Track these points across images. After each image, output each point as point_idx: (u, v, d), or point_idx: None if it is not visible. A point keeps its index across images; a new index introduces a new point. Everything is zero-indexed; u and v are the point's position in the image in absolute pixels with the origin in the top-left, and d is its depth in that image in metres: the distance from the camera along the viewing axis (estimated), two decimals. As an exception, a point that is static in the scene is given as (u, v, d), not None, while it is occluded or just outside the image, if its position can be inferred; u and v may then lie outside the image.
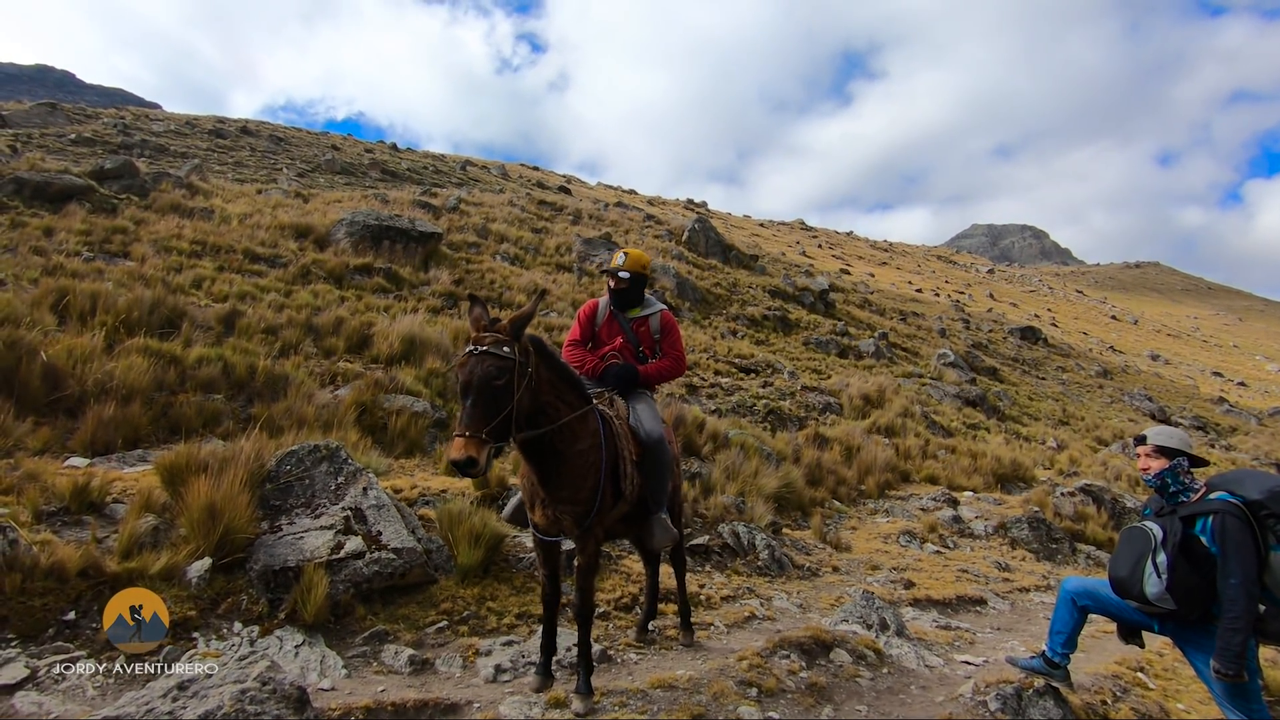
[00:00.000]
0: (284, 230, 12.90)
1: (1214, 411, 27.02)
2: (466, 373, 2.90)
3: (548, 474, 3.27)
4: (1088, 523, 9.29)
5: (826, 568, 6.68)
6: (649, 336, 4.14)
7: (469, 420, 2.82)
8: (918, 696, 3.93)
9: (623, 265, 4.10)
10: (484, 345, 2.94)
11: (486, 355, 2.92)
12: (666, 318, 4.21)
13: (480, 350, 2.92)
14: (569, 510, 3.32)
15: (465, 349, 2.98)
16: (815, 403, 12.70)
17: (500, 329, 3.04)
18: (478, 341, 2.97)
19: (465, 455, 2.74)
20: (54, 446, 5.27)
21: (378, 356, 8.54)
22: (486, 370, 2.89)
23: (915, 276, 53.29)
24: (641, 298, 4.21)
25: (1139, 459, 3.34)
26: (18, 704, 2.97)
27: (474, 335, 3.04)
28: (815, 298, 21.85)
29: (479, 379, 2.88)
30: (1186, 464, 3.24)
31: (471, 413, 2.83)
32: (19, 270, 8.10)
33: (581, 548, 3.42)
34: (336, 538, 4.21)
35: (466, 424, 2.82)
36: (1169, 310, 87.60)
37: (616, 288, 4.13)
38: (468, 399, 2.87)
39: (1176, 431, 3.36)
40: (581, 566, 3.45)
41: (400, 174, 30.88)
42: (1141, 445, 3.32)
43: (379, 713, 3.12)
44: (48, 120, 22.76)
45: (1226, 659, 2.92)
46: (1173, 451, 3.23)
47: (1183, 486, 3.20)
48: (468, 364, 2.92)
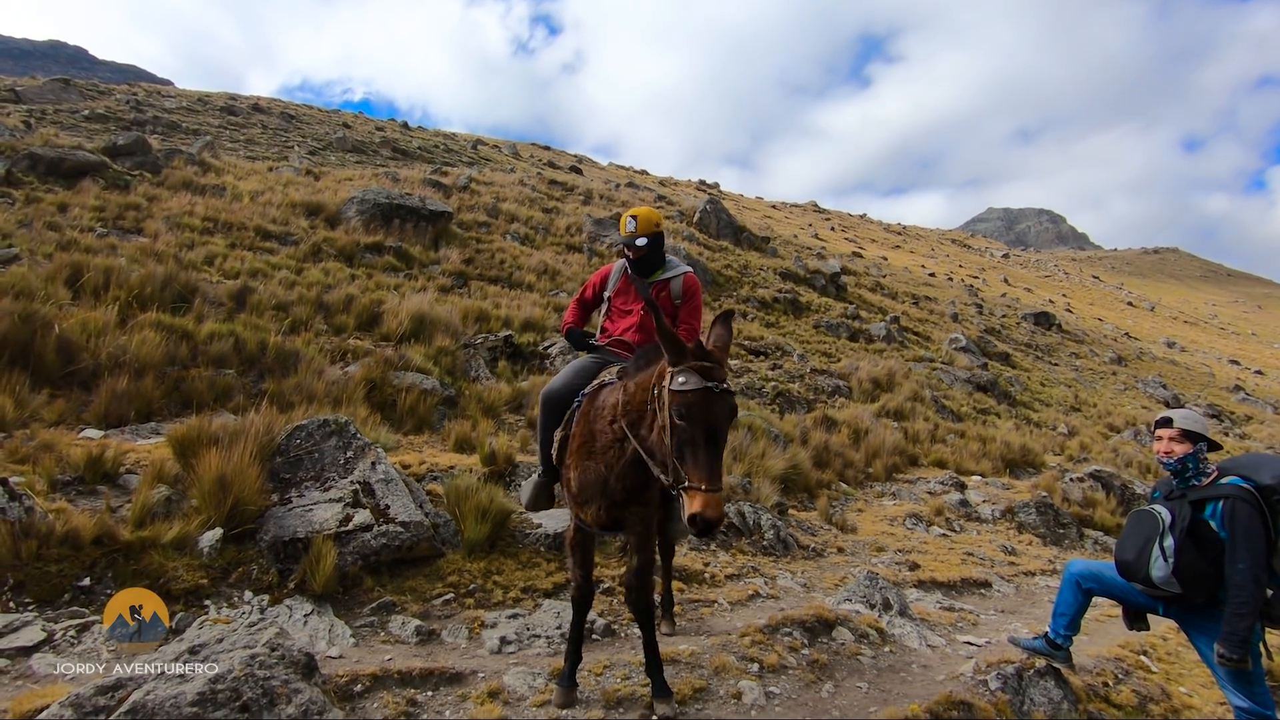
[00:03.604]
0: (295, 208, 12.93)
1: (1229, 399, 26.71)
2: (712, 415, 2.55)
3: (643, 480, 3.02)
4: (1096, 508, 9.24)
5: (831, 548, 6.71)
6: (670, 302, 3.77)
7: (715, 470, 2.49)
8: (919, 675, 3.95)
9: (636, 231, 3.68)
10: (725, 384, 2.62)
11: (728, 395, 2.62)
12: (690, 281, 3.81)
13: (722, 389, 2.59)
14: (640, 512, 3.16)
15: (694, 382, 2.57)
16: (824, 386, 12.67)
17: (721, 360, 2.73)
18: (716, 377, 2.62)
19: (721, 514, 2.47)
20: (69, 418, 5.36)
21: (387, 334, 8.59)
22: (730, 413, 2.62)
23: (929, 260, 52.77)
24: (663, 259, 3.81)
25: (1160, 442, 3.26)
26: (35, 665, 3.05)
27: (702, 367, 2.62)
28: (827, 280, 21.69)
29: (724, 423, 2.58)
30: (1205, 449, 3.20)
31: (716, 461, 2.51)
32: (34, 245, 8.18)
33: (644, 545, 3.25)
34: (345, 510, 4.26)
35: (713, 475, 2.48)
36: (1187, 297, 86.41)
37: (636, 258, 3.76)
38: (711, 445, 2.52)
39: (1199, 415, 3.32)
40: (644, 565, 3.25)
41: (411, 152, 30.80)
42: (1165, 428, 3.25)
43: (385, 680, 3.18)
44: (61, 96, 22.83)
45: (1232, 644, 2.92)
46: (1197, 436, 3.19)
47: (1198, 470, 3.17)
48: (711, 404, 2.56)
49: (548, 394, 3.54)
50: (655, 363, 2.87)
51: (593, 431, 3.14)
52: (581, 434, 3.21)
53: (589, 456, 3.12)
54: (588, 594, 3.33)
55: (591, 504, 3.14)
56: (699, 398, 2.54)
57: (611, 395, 3.11)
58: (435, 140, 37.21)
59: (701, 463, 2.49)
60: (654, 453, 2.76)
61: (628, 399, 2.96)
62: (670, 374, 2.64)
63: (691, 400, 2.54)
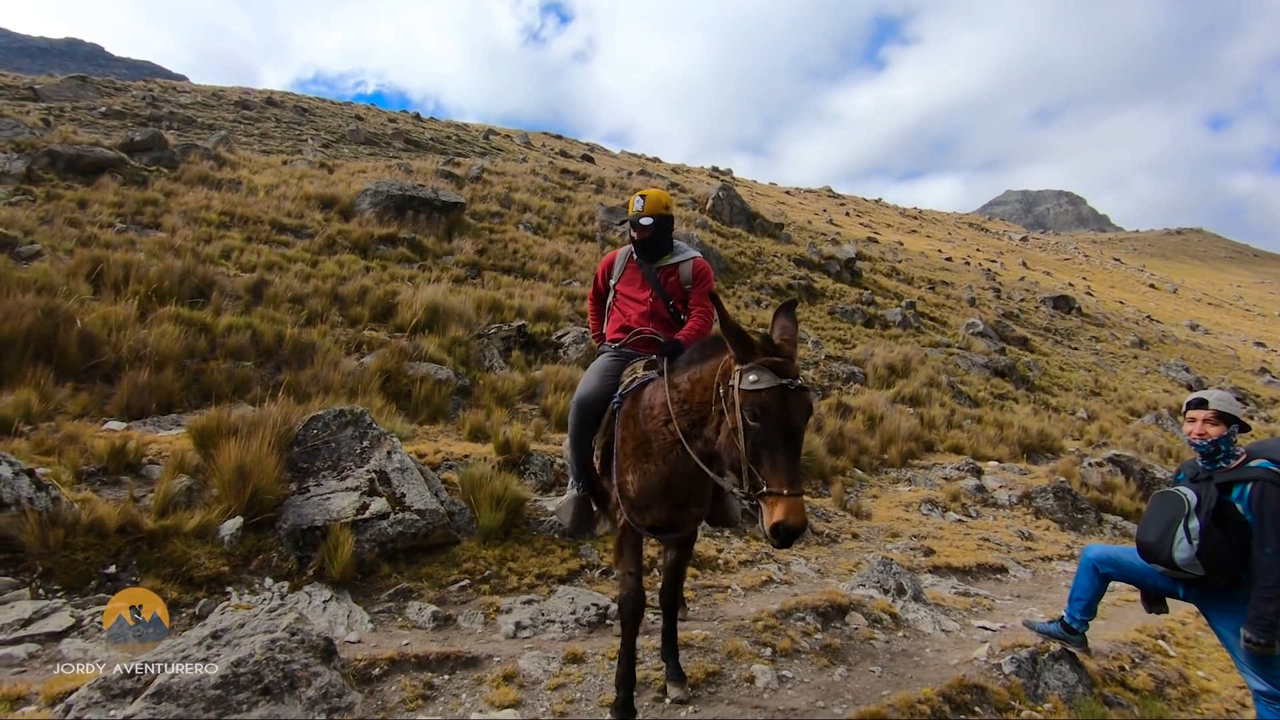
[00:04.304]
0: (309, 201, 13.02)
1: (1254, 382, 26.21)
2: (790, 415, 2.37)
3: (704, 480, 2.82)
4: (1115, 493, 9.15)
5: (846, 534, 6.70)
6: (679, 288, 3.59)
7: (796, 474, 2.33)
8: (932, 659, 3.95)
9: (643, 210, 3.52)
10: (799, 380, 2.43)
11: (805, 393, 2.43)
12: (700, 266, 3.61)
13: (797, 386, 2.40)
14: (699, 513, 3.10)
15: (767, 380, 2.39)
16: (839, 372, 12.60)
17: (791, 355, 2.55)
18: (790, 373, 2.43)
19: (804, 521, 2.30)
20: (92, 411, 5.47)
21: (402, 325, 8.66)
22: (807, 411, 2.44)
23: (945, 245, 52.12)
24: (670, 243, 3.64)
25: (1194, 424, 3.20)
26: (64, 649, 3.14)
27: (775, 363, 2.44)
28: (841, 266, 21.50)
29: (802, 422, 2.41)
30: (1237, 431, 3.16)
31: (796, 464, 2.34)
32: (55, 241, 8.32)
33: (687, 542, 3.24)
34: (362, 499, 4.33)
35: (794, 480, 2.31)
36: (1211, 278, 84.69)
37: (640, 238, 3.58)
38: (790, 447, 2.36)
39: (1232, 397, 3.27)
40: (682, 560, 3.27)
41: (424, 144, 30.86)
42: (1199, 410, 3.19)
43: (403, 664, 3.24)
44: (78, 94, 23.10)
45: (1259, 628, 2.89)
46: (1230, 418, 3.15)
47: (1229, 453, 3.13)
48: (788, 403, 2.38)
49: (582, 401, 3.33)
50: (711, 358, 2.71)
51: (645, 433, 2.92)
52: (633, 437, 2.98)
53: (646, 459, 2.90)
54: (641, 601, 3.03)
55: (653, 508, 2.93)
56: (774, 396, 2.36)
57: (658, 394, 2.90)
58: (447, 131, 37.24)
59: (781, 467, 2.32)
60: (718, 456, 2.59)
61: (683, 398, 2.77)
62: (739, 372, 2.46)
63: (767, 400, 2.36)
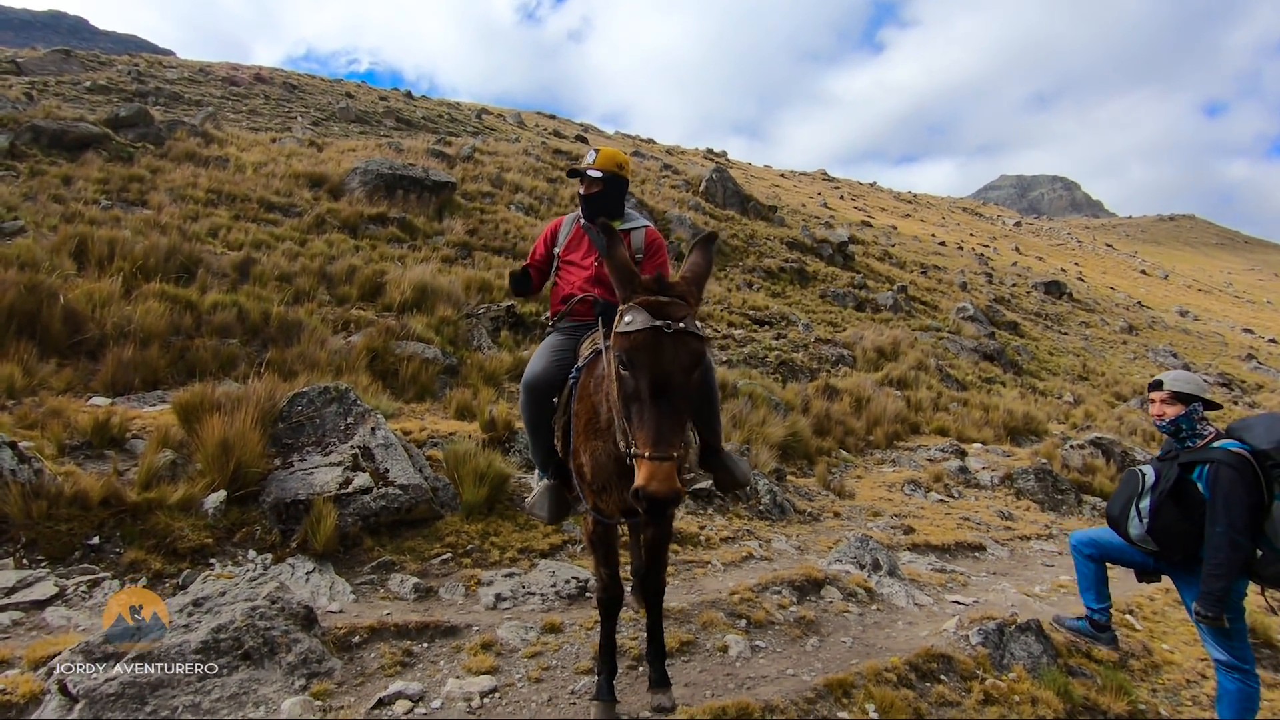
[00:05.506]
0: (298, 179, 12.93)
1: (1241, 368, 26.46)
2: (661, 361, 2.01)
3: None
4: (1095, 475, 9.29)
5: (828, 513, 6.80)
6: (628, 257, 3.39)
7: (663, 433, 1.95)
8: (903, 630, 4.05)
9: (594, 163, 3.18)
10: (678, 320, 2.06)
11: (686, 337, 2.06)
12: (652, 235, 3.28)
13: (675, 328, 2.04)
14: None
15: (640, 320, 2.05)
16: (829, 355, 12.68)
17: (684, 294, 2.18)
18: (669, 314, 2.06)
19: (672, 489, 1.90)
20: (76, 386, 5.48)
21: (390, 304, 8.66)
22: (690, 359, 2.05)
23: (939, 229, 52.10)
24: (621, 209, 3.29)
25: (1153, 405, 3.33)
26: (48, 618, 3.19)
27: (652, 302, 2.10)
28: (834, 250, 21.52)
29: (678, 372, 2.02)
30: (1201, 409, 3.24)
31: (665, 420, 1.97)
32: (39, 217, 8.26)
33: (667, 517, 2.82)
34: (345, 474, 4.37)
35: (661, 438, 1.94)
36: (1202, 265, 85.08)
37: (588, 192, 3.21)
38: (658, 400, 1.99)
39: (1193, 376, 3.35)
40: (663, 536, 2.87)
41: (415, 122, 30.55)
42: (1156, 391, 3.31)
43: (383, 632, 3.30)
44: (62, 67, 22.73)
45: (1207, 603, 3.01)
46: (1188, 397, 3.23)
47: (1193, 432, 3.21)
48: (661, 347, 2.02)
49: (529, 383, 3.01)
50: None
51: (594, 406, 2.60)
52: (585, 411, 2.67)
53: (596, 435, 2.57)
54: (617, 594, 2.86)
55: (610, 489, 2.58)
56: (645, 339, 2.02)
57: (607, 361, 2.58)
58: (439, 110, 36.84)
59: (648, 423, 1.96)
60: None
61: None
62: (619, 313, 2.15)
63: (637, 343, 2.02)
